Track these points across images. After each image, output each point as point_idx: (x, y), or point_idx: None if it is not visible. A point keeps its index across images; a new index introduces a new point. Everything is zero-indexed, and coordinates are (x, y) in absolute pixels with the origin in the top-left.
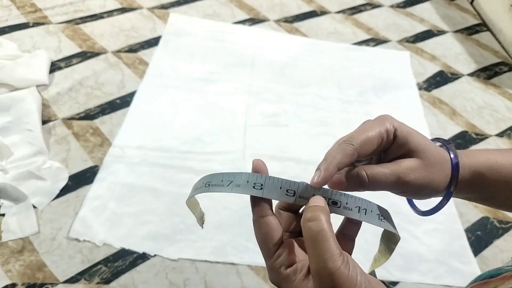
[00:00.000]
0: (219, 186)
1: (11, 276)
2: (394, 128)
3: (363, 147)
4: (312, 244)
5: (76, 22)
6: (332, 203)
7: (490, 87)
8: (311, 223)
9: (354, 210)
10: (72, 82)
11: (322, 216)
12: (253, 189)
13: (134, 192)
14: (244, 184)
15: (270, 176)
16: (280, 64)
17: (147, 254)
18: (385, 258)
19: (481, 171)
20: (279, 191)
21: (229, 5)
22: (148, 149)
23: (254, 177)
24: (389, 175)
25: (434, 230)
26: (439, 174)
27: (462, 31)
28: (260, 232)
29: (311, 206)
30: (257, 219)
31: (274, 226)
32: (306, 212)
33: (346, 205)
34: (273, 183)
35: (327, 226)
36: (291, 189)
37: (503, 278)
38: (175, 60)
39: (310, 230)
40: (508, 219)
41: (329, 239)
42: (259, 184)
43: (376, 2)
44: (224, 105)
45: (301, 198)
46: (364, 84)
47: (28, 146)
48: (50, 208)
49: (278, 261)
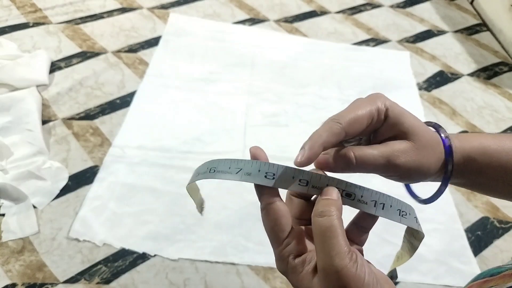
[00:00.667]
0: (227, 173)
1: (11, 276)
2: (386, 107)
3: (352, 126)
4: (321, 239)
5: (76, 22)
6: (346, 195)
7: (490, 87)
8: (321, 218)
9: (369, 204)
10: (72, 82)
11: (333, 211)
12: (265, 179)
13: (134, 192)
14: (256, 173)
15: (282, 165)
16: (280, 64)
17: (147, 254)
18: (408, 256)
19: (473, 156)
20: (291, 181)
21: (229, 5)
22: (148, 149)
23: (266, 166)
24: (378, 157)
25: (434, 230)
26: (430, 158)
27: (462, 31)
28: (269, 219)
29: (323, 199)
30: (266, 206)
31: (282, 213)
32: (317, 205)
33: (361, 198)
34: (286, 172)
35: (337, 222)
36: (304, 179)
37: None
38: (175, 60)
39: (320, 226)
40: (508, 219)
41: (338, 236)
42: (271, 174)
43: (376, 2)
44: (224, 105)
45: (314, 188)
46: (364, 84)
47: (28, 146)
48: (50, 208)
49: (286, 249)
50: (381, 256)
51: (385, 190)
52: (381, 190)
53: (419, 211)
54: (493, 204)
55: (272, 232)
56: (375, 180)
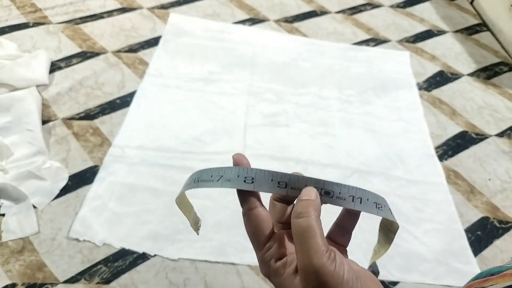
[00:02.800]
0: (209, 181)
1: (11, 276)
2: None
3: None
4: (300, 240)
5: (76, 22)
6: (325, 193)
7: (490, 87)
8: (299, 219)
9: (348, 200)
10: (72, 82)
11: (311, 211)
12: (244, 183)
13: (134, 192)
14: (235, 178)
15: (261, 169)
16: (280, 64)
17: (147, 254)
18: (385, 249)
19: None
20: (270, 184)
21: (229, 5)
22: (148, 149)
23: (245, 171)
24: None
25: (434, 230)
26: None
27: (462, 31)
28: (250, 225)
29: (302, 200)
30: (247, 212)
31: (263, 218)
32: (296, 207)
33: (340, 194)
34: (264, 176)
35: (315, 222)
36: (282, 180)
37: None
38: (175, 60)
39: (298, 226)
40: (508, 219)
41: (315, 236)
42: (250, 178)
43: (376, 2)
44: (224, 105)
45: (293, 189)
46: (364, 84)
47: (28, 146)
48: (50, 208)
49: (268, 253)
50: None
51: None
52: (381, 189)
53: (419, 211)
54: (493, 204)
55: (254, 237)
56: (375, 180)
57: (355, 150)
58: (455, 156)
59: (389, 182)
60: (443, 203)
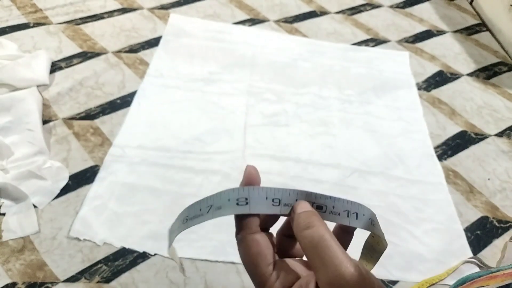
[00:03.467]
0: (199, 216)
1: (11, 275)
2: None
3: None
4: (316, 252)
5: (76, 23)
6: (317, 207)
7: (490, 87)
8: (309, 230)
9: (342, 215)
10: (73, 82)
11: (317, 221)
12: (238, 206)
13: (135, 191)
14: (226, 204)
15: (254, 186)
16: (280, 64)
17: (148, 253)
18: (372, 265)
19: None
20: (265, 202)
21: (229, 5)
22: (148, 149)
23: (236, 192)
24: None
25: (434, 230)
26: None
27: (462, 31)
28: (251, 253)
29: (302, 212)
30: (245, 236)
31: (266, 244)
32: (298, 220)
33: (333, 209)
34: (259, 194)
35: (327, 230)
36: (276, 197)
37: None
38: (175, 60)
39: (311, 238)
40: (507, 219)
41: (333, 245)
42: (243, 199)
43: (376, 2)
44: (224, 105)
45: (285, 206)
46: (364, 84)
47: (28, 146)
48: (51, 207)
49: (277, 283)
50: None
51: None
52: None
53: (419, 211)
54: (493, 203)
55: (256, 268)
56: (375, 180)
57: (355, 150)
58: (455, 156)
59: (388, 182)
60: (443, 203)
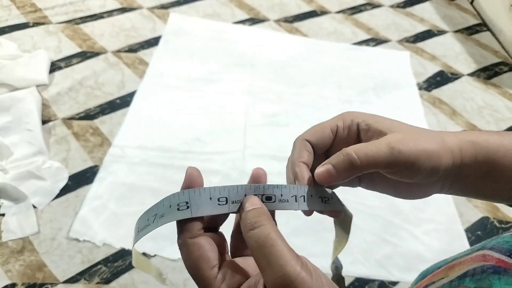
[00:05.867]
0: (146, 227)
1: (11, 276)
2: (352, 118)
3: (314, 135)
4: (262, 253)
5: (76, 22)
6: (266, 198)
7: (490, 87)
8: (254, 231)
9: (290, 201)
10: (72, 82)
11: (264, 219)
12: (178, 212)
13: (134, 192)
14: (167, 211)
15: (194, 189)
16: (280, 64)
17: (147, 254)
18: (345, 241)
19: (495, 157)
20: (209, 203)
21: (229, 5)
22: (148, 149)
23: (176, 197)
24: (381, 146)
25: (434, 230)
26: (432, 142)
27: (462, 31)
28: (192, 257)
29: (249, 210)
30: (186, 241)
31: (209, 247)
32: (245, 219)
33: (281, 197)
34: (201, 195)
35: (273, 229)
36: (222, 196)
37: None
38: (175, 60)
39: (257, 238)
40: (508, 219)
41: (279, 243)
42: (184, 203)
43: (376, 2)
44: (224, 105)
45: (234, 203)
46: (364, 84)
47: (28, 146)
48: (50, 208)
49: (223, 286)
50: (381, 256)
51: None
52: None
53: (419, 211)
54: (493, 204)
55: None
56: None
57: None
58: None
59: None
60: (443, 203)
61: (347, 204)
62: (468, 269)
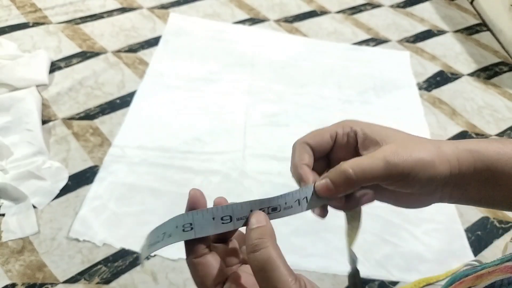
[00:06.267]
0: (156, 243)
1: (11, 276)
2: (350, 126)
3: (314, 139)
4: (261, 276)
5: (76, 22)
6: (272, 209)
7: (490, 87)
8: (255, 253)
9: (294, 206)
10: (72, 82)
11: (266, 241)
12: (184, 233)
13: (134, 192)
14: (174, 231)
15: (197, 210)
16: (280, 64)
17: None
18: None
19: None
20: (213, 223)
21: (229, 5)
22: (148, 149)
23: (181, 219)
24: (377, 160)
25: (434, 230)
26: (427, 151)
27: (462, 31)
28: (197, 275)
29: (253, 229)
30: (192, 261)
31: (213, 264)
32: (248, 239)
33: (286, 204)
34: (203, 216)
35: (274, 251)
36: (225, 215)
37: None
38: (175, 60)
39: (257, 262)
40: (508, 219)
41: (278, 267)
42: (188, 225)
43: (376, 2)
44: (224, 105)
45: (239, 220)
46: (364, 84)
47: (28, 146)
48: (50, 208)
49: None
50: (381, 256)
51: None
52: None
53: (419, 211)
54: None
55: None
56: None
57: None
58: None
59: None
60: (443, 203)
61: None
62: (496, 280)
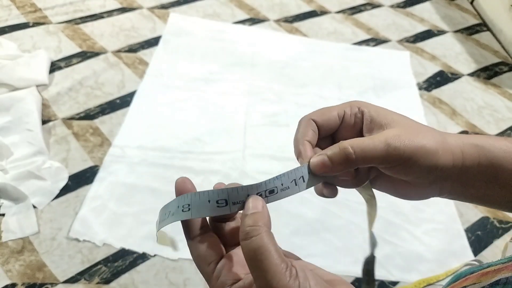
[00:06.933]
0: (163, 220)
1: (11, 276)
2: (359, 106)
3: (321, 116)
4: (253, 263)
5: (76, 22)
6: (269, 192)
7: (490, 87)
8: (248, 241)
9: (291, 186)
10: (72, 82)
11: (260, 228)
12: (183, 213)
13: (134, 192)
14: (176, 210)
15: (196, 192)
16: (280, 64)
17: (147, 254)
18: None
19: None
20: (208, 206)
21: (229, 5)
22: (148, 149)
23: (182, 199)
24: (377, 142)
25: (434, 230)
26: (430, 139)
27: (462, 31)
28: (194, 255)
29: (248, 215)
30: (188, 241)
31: (207, 245)
32: (242, 226)
33: (282, 186)
34: (200, 198)
35: (267, 239)
36: (221, 198)
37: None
38: (175, 60)
39: (249, 250)
40: (508, 219)
41: (270, 255)
42: (186, 205)
43: (376, 2)
44: (224, 105)
45: (235, 204)
46: (364, 84)
47: (28, 146)
48: (50, 208)
49: (219, 281)
50: (381, 256)
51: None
52: None
53: (419, 211)
54: None
55: (200, 267)
56: None
57: None
58: None
59: None
60: (443, 203)
61: (348, 204)
62: (501, 277)
